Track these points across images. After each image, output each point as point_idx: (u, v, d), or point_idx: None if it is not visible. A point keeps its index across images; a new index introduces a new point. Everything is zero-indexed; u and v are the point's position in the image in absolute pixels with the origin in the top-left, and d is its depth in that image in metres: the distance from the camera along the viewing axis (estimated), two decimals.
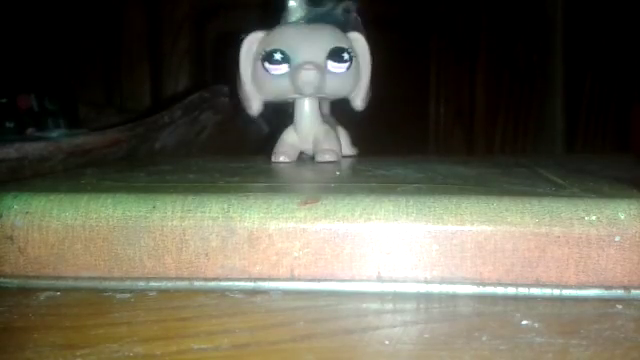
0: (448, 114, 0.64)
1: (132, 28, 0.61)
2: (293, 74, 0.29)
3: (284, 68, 0.29)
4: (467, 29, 0.63)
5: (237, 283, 0.19)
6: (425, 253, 0.18)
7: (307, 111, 0.31)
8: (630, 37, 0.60)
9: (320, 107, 0.32)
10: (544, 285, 0.18)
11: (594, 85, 0.62)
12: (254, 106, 0.31)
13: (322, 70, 0.29)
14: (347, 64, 0.30)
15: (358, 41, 0.31)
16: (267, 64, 0.29)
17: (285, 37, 0.30)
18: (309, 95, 0.30)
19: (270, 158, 0.31)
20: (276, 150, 0.31)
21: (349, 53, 0.30)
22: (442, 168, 0.29)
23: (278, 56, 0.29)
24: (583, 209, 0.18)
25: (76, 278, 0.19)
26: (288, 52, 0.29)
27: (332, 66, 0.29)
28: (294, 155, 0.31)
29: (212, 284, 0.19)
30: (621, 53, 0.61)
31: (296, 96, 0.30)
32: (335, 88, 0.30)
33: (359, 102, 0.32)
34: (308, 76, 0.28)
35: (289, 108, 0.32)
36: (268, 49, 0.29)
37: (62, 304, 0.18)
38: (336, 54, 0.29)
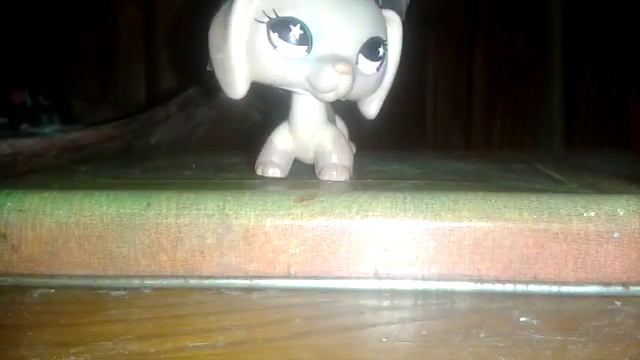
0: (446, 109, 0.64)
1: (127, 22, 0.60)
2: (316, 70, 0.20)
3: (300, 52, 0.20)
4: (465, 24, 0.63)
5: (233, 281, 0.19)
6: (422, 250, 0.18)
7: (310, 110, 0.22)
8: (629, 32, 0.60)
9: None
10: (542, 282, 0.18)
11: (593, 80, 0.62)
12: (239, 87, 0.21)
13: (355, 71, 0.20)
14: (380, 62, 0.21)
15: (393, 24, 0.22)
16: (276, 37, 0.20)
17: (312, 2, 0.20)
18: (328, 100, 0.21)
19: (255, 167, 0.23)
20: (262, 160, 0.23)
21: (384, 46, 0.21)
22: (440, 164, 0.29)
23: (297, 32, 0.20)
24: (582, 205, 0.18)
25: (70, 276, 0.19)
26: (312, 29, 0.20)
27: (363, 64, 0.21)
28: (286, 166, 0.23)
29: (208, 282, 0.19)
30: (620, 48, 0.61)
31: (299, 90, 0.22)
32: (358, 91, 0.21)
33: (373, 109, 0.24)
34: (341, 83, 0.20)
35: (285, 95, 0.23)
36: (282, 14, 0.20)
37: (56, 302, 0.18)
38: (372, 47, 0.21)
